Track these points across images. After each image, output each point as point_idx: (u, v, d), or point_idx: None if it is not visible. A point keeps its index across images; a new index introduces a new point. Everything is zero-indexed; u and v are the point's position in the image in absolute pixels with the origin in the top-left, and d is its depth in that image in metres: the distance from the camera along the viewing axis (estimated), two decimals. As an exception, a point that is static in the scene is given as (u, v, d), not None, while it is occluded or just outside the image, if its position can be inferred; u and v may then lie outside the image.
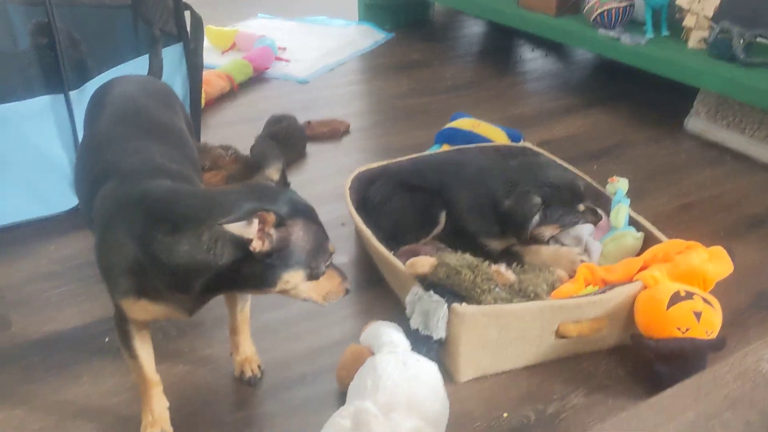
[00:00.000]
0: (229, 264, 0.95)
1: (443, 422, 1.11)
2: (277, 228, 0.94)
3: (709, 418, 0.88)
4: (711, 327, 1.23)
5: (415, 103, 2.54)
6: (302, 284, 1.01)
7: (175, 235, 0.95)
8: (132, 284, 1.02)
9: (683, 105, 2.28)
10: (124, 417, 1.21)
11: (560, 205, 1.47)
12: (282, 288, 0.99)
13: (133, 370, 1.15)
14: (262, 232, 0.93)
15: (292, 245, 0.96)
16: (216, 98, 2.50)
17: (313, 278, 1.01)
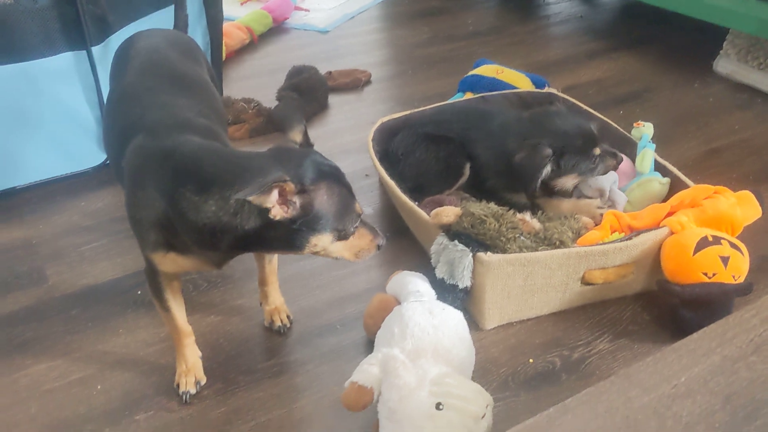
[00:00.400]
0: (256, 228, 0.96)
1: (469, 368, 1.13)
2: (299, 194, 0.95)
3: (734, 362, 0.89)
4: (738, 272, 1.23)
5: (437, 50, 2.51)
6: (331, 246, 1.02)
7: (202, 194, 0.96)
8: (161, 238, 1.04)
9: (712, 47, 2.22)
10: (159, 365, 1.25)
11: (574, 153, 1.44)
12: (311, 251, 1.01)
13: (166, 321, 1.18)
14: (284, 199, 0.93)
15: (316, 210, 0.97)
16: (236, 51, 2.49)
17: (342, 239, 1.02)
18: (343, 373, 1.15)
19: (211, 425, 1.13)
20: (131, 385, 1.21)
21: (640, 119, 1.61)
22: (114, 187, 1.75)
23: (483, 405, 0.99)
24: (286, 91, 2.07)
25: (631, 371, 0.89)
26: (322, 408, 1.15)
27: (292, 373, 1.22)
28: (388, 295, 1.26)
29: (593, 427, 0.82)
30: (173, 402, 1.18)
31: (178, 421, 1.14)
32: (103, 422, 1.15)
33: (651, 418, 0.82)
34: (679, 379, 0.87)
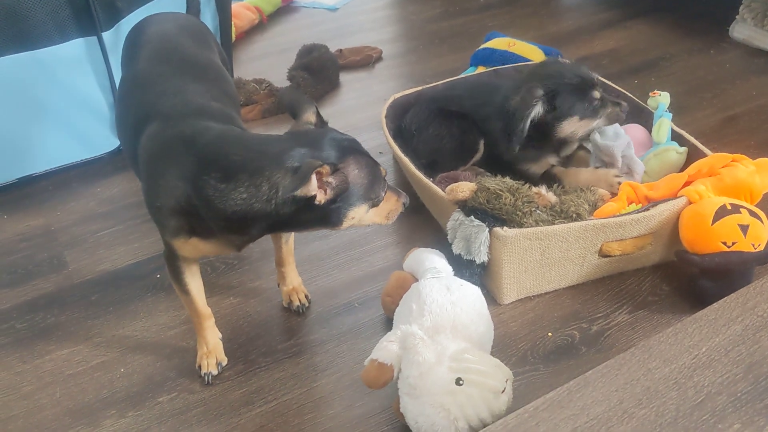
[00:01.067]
0: (291, 212, 0.97)
1: (488, 343, 1.13)
2: (333, 175, 0.95)
3: (756, 330, 0.89)
4: (758, 240, 1.22)
5: (448, 25, 2.49)
6: (366, 215, 1.03)
7: (230, 182, 0.96)
8: (183, 224, 1.05)
9: (728, 12, 2.18)
10: (180, 348, 1.26)
11: (569, 93, 1.42)
12: (349, 224, 1.01)
13: (186, 304, 1.18)
14: (321, 182, 0.94)
15: (351, 185, 0.98)
16: (246, 31, 2.48)
17: (375, 206, 1.03)
18: (363, 351, 1.16)
19: (232, 405, 1.14)
20: (153, 369, 1.22)
21: (655, 88, 1.59)
22: (129, 172, 1.76)
23: (503, 379, 0.99)
24: (296, 71, 2.06)
25: (651, 343, 0.89)
26: (342, 386, 1.16)
27: (312, 353, 1.23)
28: (405, 273, 1.26)
29: (614, 400, 0.82)
30: (195, 383, 1.19)
31: (201, 402, 1.15)
32: (127, 405, 1.16)
33: (672, 389, 0.82)
34: (699, 349, 0.87)
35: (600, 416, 0.80)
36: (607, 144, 1.43)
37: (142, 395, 1.18)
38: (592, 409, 0.81)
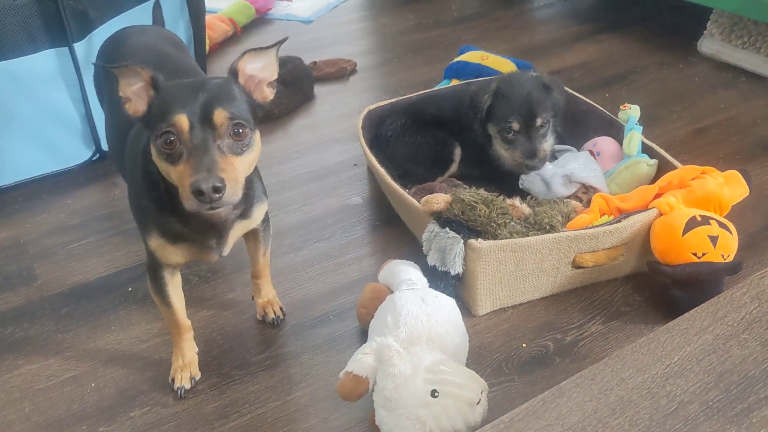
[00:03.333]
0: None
1: (464, 355, 1.13)
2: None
3: (726, 339, 0.90)
4: (727, 251, 1.24)
5: (422, 37, 2.50)
6: None
7: None
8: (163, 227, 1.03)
9: (696, 27, 2.23)
10: (153, 362, 1.24)
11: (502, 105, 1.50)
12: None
13: (167, 317, 1.17)
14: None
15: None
16: (220, 43, 2.48)
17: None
18: (338, 363, 1.15)
19: (206, 419, 1.13)
20: (125, 382, 1.21)
21: (626, 101, 1.61)
22: (100, 183, 1.74)
23: (478, 391, 0.99)
24: (271, 83, 2.06)
25: (625, 352, 0.90)
26: (317, 399, 1.15)
27: (286, 366, 1.22)
28: (380, 285, 1.26)
29: (588, 409, 0.83)
30: (168, 397, 1.17)
31: (174, 416, 1.14)
32: (98, 420, 1.14)
33: (645, 398, 0.83)
34: (672, 358, 0.88)
35: (575, 426, 0.81)
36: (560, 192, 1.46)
37: (114, 409, 1.16)
38: (567, 418, 0.82)
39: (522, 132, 1.49)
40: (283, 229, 1.55)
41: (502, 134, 1.52)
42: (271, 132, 1.95)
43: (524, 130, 1.49)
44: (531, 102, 1.49)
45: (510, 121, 1.49)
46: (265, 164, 1.80)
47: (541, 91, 1.51)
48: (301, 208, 1.62)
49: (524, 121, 1.48)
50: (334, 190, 1.68)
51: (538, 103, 1.49)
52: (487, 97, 1.51)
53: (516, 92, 1.50)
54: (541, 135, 1.51)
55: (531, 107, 1.49)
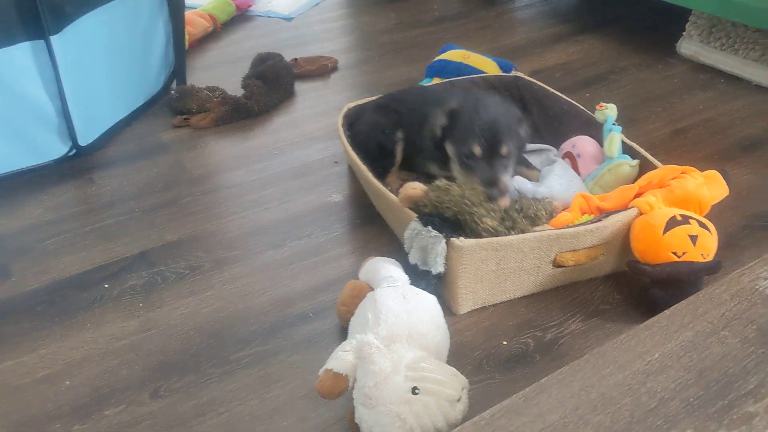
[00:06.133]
0: None
1: (444, 352, 1.12)
2: None
3: (706, 337, 0.90)
4: (707, 250, 1.24)
5: (403, 36, 2.50)
6: None
7: None
8: None
9: (675, 28, 2.25)
10: (128, 360, 1.22)
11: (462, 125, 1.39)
12: None
13: None
14: None
15: None
16: (199, 39, 2.45)
17: None
18: (317, 361, 1.14)
19: (183, 418, 1.11)
20: (100, 381, 1.18)
21: (606, 101, 1.61)
22: (77, 179, 1.72)
23: (459, 388, 0.98)
24: (251, 79, 2.04)
25: (605, 349, 0.90)
26: (296, 397, 1.14)
27: (265, 364, 1.21)
28: (360, 282, 1.25)
29: (569, 406, 0.82)
30: (144, 396, 1.15)
31: (150, 415, 1.12)
32: (72, 419, 1.12)
33: (626, 395, 0.83)
34: (652, 355, 0.88)
35: (556, 423, 0.80)
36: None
37: (89, 408, 1.14)
38: (549, 415, 0.81)
39: (484, 158, 1.37)
40: (262, 226, 1.54)
41: (460, 158, 1.40)
42: (250, 129, 1.94)
43: (486, 156, 1.37)
44: (499, 127, 1.37)
45: (470, 145, 1.37)
46: (245, 161, 1.79)
47: (511, 118, 1.41)
48: (281, 206, 1.61)
49: (488, 146, 1.36)
50: (314, 187, 1.67)
51: (507, 129, 1.38)
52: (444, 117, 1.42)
53: (483, 114, 1.38)
54: (504, 165, 1.38)
55: (498, 133, 1.37)
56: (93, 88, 1.77)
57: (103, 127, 1.86)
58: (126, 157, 1.82)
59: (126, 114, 1.94)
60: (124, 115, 1.94)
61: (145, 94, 2.02)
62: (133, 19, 1.87)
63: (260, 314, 1.31)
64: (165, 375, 1.19)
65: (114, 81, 1.85)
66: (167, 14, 2.00)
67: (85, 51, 1.70)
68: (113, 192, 1.67)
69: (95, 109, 1.81)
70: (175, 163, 1.79)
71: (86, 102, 1.75)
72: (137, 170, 1.77)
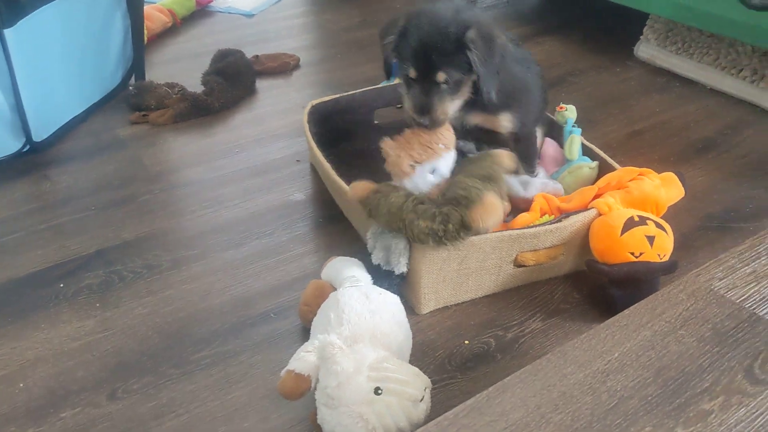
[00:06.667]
0: None
1: (407, 352, 1.12)
2: None
3: (664, 336, 0.92)
4: (663, 250, 1.27)
5: (367, 34, 2.49)
6: None
7: None
8: None
9: (633, 32, 2.29)
10: (84, 361, 1.20)
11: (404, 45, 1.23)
12: None
13: None
14: None
15: None
16: (158, 34, 2.42)
17: None
18: (279, 362, 1.13)
19: (141, 419, 1.09)
20: (55, 382, 1.16)
21: (565, 103, 1.63)
22: (31, 176, 1.68)
23: (421, 388, 0.98)
24: (211, 76, 2.02)
25: (566, 349, 0.91)
26: (257, 398, 1.13)
27: (225, 365, 1.19)
28: (323, 282, 1.25)
29: (531, 405, 0.83)
30: (101, 397, 1.13)
31: (107, 417, 1.10)
32: (27, 421, 1.09)
33: (586, 393, 0.84)
34: (612, 354, 0.89)
35: (518, 422, 0.81)
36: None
37: (44, 410, 1.11)
38: (511, 414, 0.82)
39: (419, 82, 1.23)
40: (223, 224, 1.52)
41: (403, 80, 1.26)
42: (210, 126, 1.92)
43: (421, 80, 1.23)
44: (433, 50, 1.20)
45: (406, 67, 1.23)
46: (205, 158, 1.77)
47: (454, 40, 1.21)
48: (242, 204, 1.59)
49: (421, 70, 1.22)
50: (276, 186, 1.66)
51: (444, 54, 1.21)
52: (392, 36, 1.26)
53: (420, 32, 1.21)
54: (444, 92, 1.23)
55: (430, 57, 1.21)
56: (48, 82, 1.73)
57: (59, 123, 1.82)
58: (82, 154, 1.79)
59: (82, 109, 1.91)
60: (80, 111, 1.90)
61: (103, 89, 1.98)
62: (91, 12, 1.84)
63: (220, 314, 1.29)
64: (123, 376, 1.17)
65: (70, 76, 1.82)
66: (125, 8, 1.96)
67: (40, 45, 1.66)
68: (69, 189, 1.64)
69: (50, 104, 1.76)
70: (132, 160, 1.76)
71: (41, 97, 1.70)
72: (94, 167, 1.73)
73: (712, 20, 1.94)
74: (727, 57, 2.04)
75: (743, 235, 1.44)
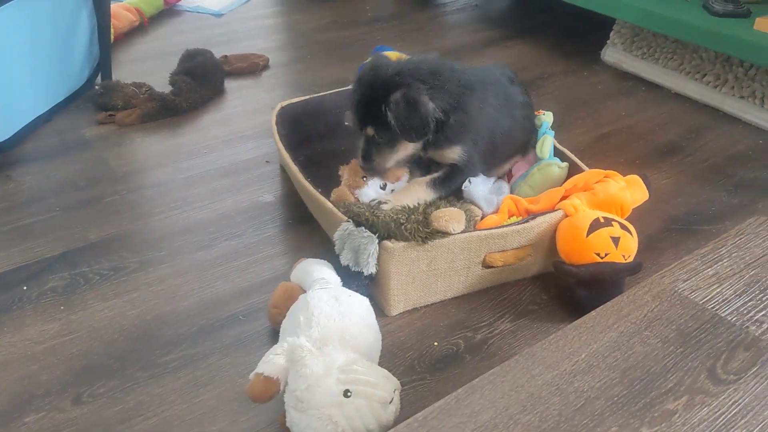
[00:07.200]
0: None
1: (376, 354, 1.12)
2: None
3: (630, 337, 0.93)
4: (628, 252, 1.28)
5: (336, 36, 2.49)
6: None
7: None
8: None
9: (600, 36, 2.32)
10: (49, 364, 1.18)
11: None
12: None
13: None
14: None
15: None
16: (125, 33, 2.39)
17: None
18: (248, 364, 1.13)
19: (107, 424, 1.08)
20: (19, 386, 1.14)
21: (535, 107, 1.65)
22: (-6, 176, 1.65)
23: (390, 390, 0.99)
24: (179, 75, 2.00)
25: (535, 350, 0.92)
26: (225, 401, 1.12)
27: (194, 367, 1.18)
28: (292, 284, 1.24)
29: (500, 406, 0.84)
30: (65, 402, 1.11)
31: (72, 422, 1.08)
32: (-11, 427, 1.07)
33: (554, 394, 0.85)
34: (579, 355, 0.90)
35: (487, 423, 0.82)
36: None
37: (8, 415, 1.09)
38: (480, 416, 0.82)
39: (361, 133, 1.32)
40: (191, 226, 1.51)
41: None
42: (179, 126, 1.90)
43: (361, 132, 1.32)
44: (365, 107, 1.30)
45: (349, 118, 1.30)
46: (172, 159, 1.75)
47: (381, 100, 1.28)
48: (210, 205, 1.58)
49: (358, 123, 1.31)
50: (245, 187, 1.65)
51: (371, 112, 1.28)
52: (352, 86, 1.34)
53: (362, 87, 1.29)
54: (381, 145, 1.32)
55: (362, 112, 1.31)
56: (12, 81, 1.70)
57: (23, 122, 1.79)
58: (47, 154, 1.76)
59: (47, 109, 1.87)
60: (45, 110, 1.86)
61: (68, 88, 1.95)
62: (56, 10, 1.81)
63: (188, 316, 1.28)
64: (88, 380, 1.15)
65: (34, 74, 1.78)
66: (91, 6, 1.94)
67: (4, 42, 1.63)
68: (33, 190, 1.61)
69: (14, 103, 1.73)
70: (98, 161, 1.74)
71: (4, 96, 1.67)
72: (58, 167, 1.70)
73: (677, 26, 1.98)
74: (691, 62, 2.08)
75: (706, 237, 1.47)
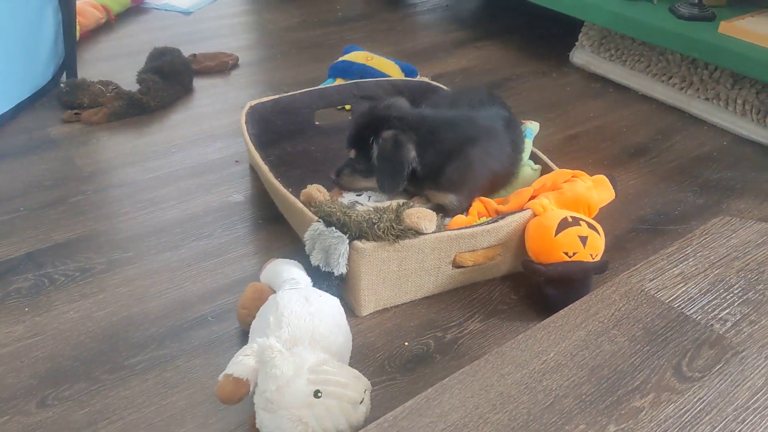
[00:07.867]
0: None
1: (347, 354, 1.12)
2: None
3: (598, 335, 0.94)
4: (595, 250, 1.30)
5: (306, 35, 2.48)
6: None
7: None
8: None
9: (569, 38, 2.34)
10: (13, 368, 1.15)
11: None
12: None
13: None
14: None
15: None
16: (92, 30, 2.35)
17: None
18: (217, 366, 1.12)
19: (73, 427, 1.06)
20: (-19, 391, 1.12)
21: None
22: (-45, 175, 1.61)
23: (361, 390, 0.98)
24: (147, 74, 1.98)
25: (504, 349, 0.93)
26: (194, 403, 1.11)
27: (161, 369, 1.17)
28: (262, 284, 1.24)
29: (470, 405, 0.84)
30: (30, 405, 1.09)
31: (37, 425, 1.06)
32: (-50, 432, 1.05)
33: (524, 393, 0.86)
34: (548, 354, 0.91)
35: (457, 422, 0.82)
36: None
37: (-32, 421, 1.07)
38: (450, 415, 0.83)
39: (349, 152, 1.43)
40: (159, 226, 1.49)
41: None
42: (146, 125, 1.87)
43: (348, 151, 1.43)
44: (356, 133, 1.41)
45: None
46: (140, 159, 1.73)
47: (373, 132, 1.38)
48: (179, 205, 1.56)
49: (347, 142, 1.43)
50: (215, 187, 1.63)
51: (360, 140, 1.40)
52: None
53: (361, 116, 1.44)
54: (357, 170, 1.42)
55: (352, 136, 1.42)
56: (-26, 78, 1.67)
57: (-15, 120, 1.75)
58: (11, 153, 1.72)
59: (10, 107, 1.84)
60: (8, 108, 1.83)
61: (32, 86, 1.92)
62: (20, 6, 1.77)
63: (156, 318, 1.26)
64: (54, 383, 1.13)
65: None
66: (56, 3, 1.90)
67: (-35, 38, 1.60)
68: (-4, 189, 1.58)
69: (-24, 100, 1.70)
70: (64, 160, 1.71)
71: (-34, 93, 1.64)
72: (23, 166, 1.67)
73: (644, 29, 2.00)
74: (658, 64, 2.11)
75: (672, 237, 1.49)
